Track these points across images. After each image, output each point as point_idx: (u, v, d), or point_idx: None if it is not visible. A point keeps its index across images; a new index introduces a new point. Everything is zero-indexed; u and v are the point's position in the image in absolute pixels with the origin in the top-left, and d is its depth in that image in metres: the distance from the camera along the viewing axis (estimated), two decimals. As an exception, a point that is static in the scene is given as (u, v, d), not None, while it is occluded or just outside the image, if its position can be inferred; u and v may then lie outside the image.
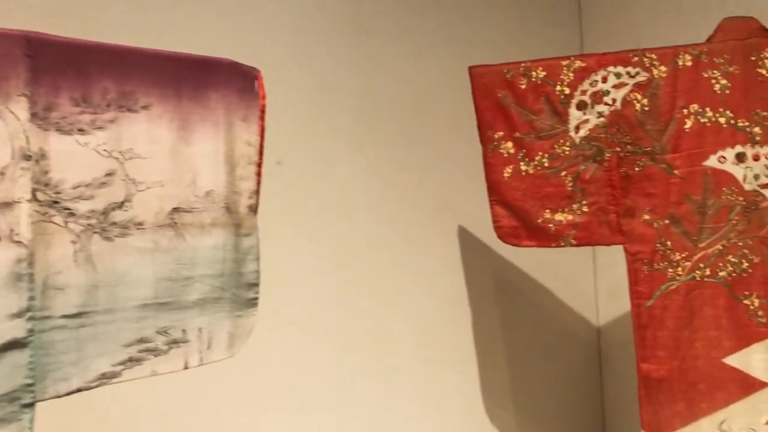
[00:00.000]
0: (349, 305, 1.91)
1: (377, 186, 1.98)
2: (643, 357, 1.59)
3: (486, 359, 2.14)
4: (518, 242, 1.69)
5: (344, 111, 1.94)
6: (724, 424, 1.54)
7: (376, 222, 1.97)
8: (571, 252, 1.79)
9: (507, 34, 2.24)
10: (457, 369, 2.10)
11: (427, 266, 2.06)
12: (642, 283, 1.61)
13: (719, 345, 1.56)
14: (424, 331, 2.05)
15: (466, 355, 2.12)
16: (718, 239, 1.57)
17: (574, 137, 1.64)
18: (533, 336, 2.26)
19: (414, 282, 2.03)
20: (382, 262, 1.98)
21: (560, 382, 2.30)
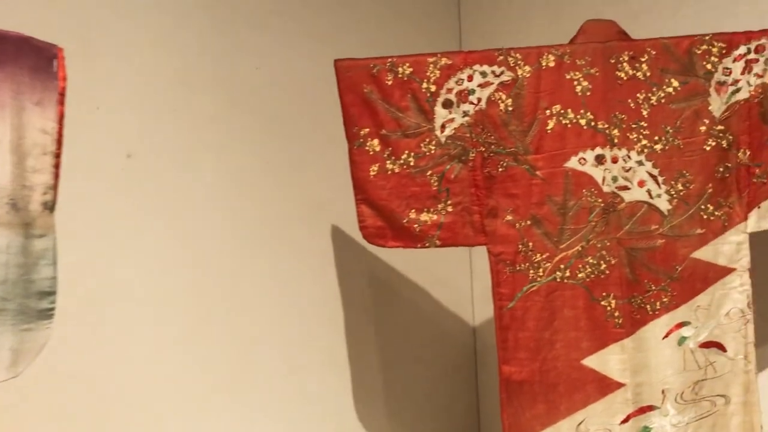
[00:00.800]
0: (206, 312, 1.78)
1: (241, 184, 1.87)
2: (505, 359, 1.58)
3: (358, 362, 2.08)
4: (384, 243, 1.63)
5: (205, 103, 1.81)
6: (582, 425, 1.55)
7: (240, 222, 1.86)
8: (447, 252, 1.76)
9: (383, 27, 2.19)
10: (328, 373, 2.02)
11: (296, 268, 1.97)
12: (504, 284, 1.59)
13: (578, 346, 1.57)
14: (292, 335, 1.96)
15: (338, 359, 2.05)
16: (578, 240, 1.57)
17: (440, 136, 1.60)
18: (408, 337, 2.22)
19: (281, 285, 1.94)
20: (245, 265, 1.87)
21: (435, 384, 2.28)
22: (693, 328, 1.55)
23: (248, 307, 1.88)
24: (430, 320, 2.29)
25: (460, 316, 2.32)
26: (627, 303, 1.55)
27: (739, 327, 1.55)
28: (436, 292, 2.28)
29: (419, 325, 2.26)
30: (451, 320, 2.32)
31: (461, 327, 2.32)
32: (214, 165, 1.84)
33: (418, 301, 2.26)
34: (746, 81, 1.53)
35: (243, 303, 1.87)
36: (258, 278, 1.91)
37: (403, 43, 2.05)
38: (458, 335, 2.32)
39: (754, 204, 1.55)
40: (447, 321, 2.32)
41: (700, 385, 1.54)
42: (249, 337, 1.88)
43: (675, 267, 1.55)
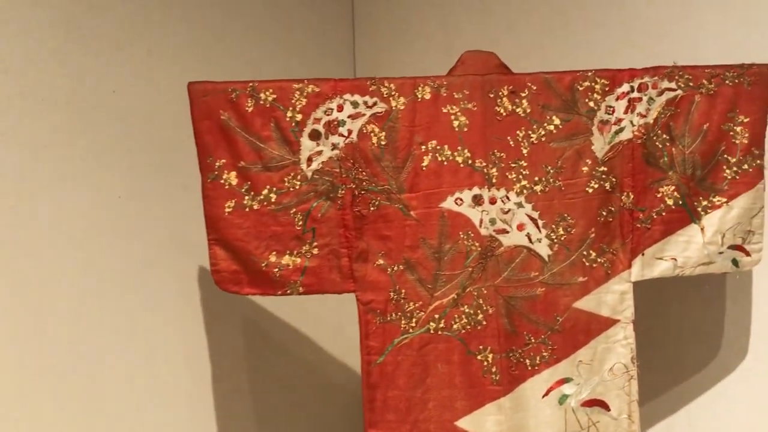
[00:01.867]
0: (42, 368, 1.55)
1: (89, 218, 1.65)
2: (372, 422, 1.42)
3: (228, 422, 1.88)
4: (239, 290, 1.45)
5: (51, 125, 1.60)
6: (455, 496, 1.40)
7: (86, 262, 1.64)
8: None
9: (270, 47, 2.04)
10: None
11: (154, 315, 1.76)
12: (373, 336, 1.44)
13: (452, 406, 1.42)
14: (148, 394, 1.74)
15: (203, 419, 1.84)
16: (453, 288, 1.44)
17: (306, 170, 1.44)
18: (288, 391, 2.03)
19: (135, 334, 1.72)
20: (93, 312, 1.65)
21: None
22: (575, 385, 1.43)
23: (93, 361, 1.65)
24: (314, 370, 2.11)
25: (347, 365, 2.15)
26: (505, 357, 1.42)
27: (623, 384, 1.44)
28: (321, 339, 2.11)
29: (301, 376, 2.08)
30: (337, 369, 2.15)
31: (348, 376, 2.15)
32: (59, 195, 1.62)
33: (299, 349, 2.08)
34: (629, 120, 1.45)
35: (87, 356, 1.64)
36: (107, 326, 1.68)
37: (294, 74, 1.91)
38: (345, 385, 2.15)
39: (638, 251, 1.46)
40: (333, 370, 2.14)
41: (583, 448, 1.43)
42: (94, 395, 1.65)
43: (556, 318, 1.44)
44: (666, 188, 1.46)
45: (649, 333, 1.65)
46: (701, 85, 1.45)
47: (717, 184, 1.46)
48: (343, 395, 2.16)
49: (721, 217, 1.46)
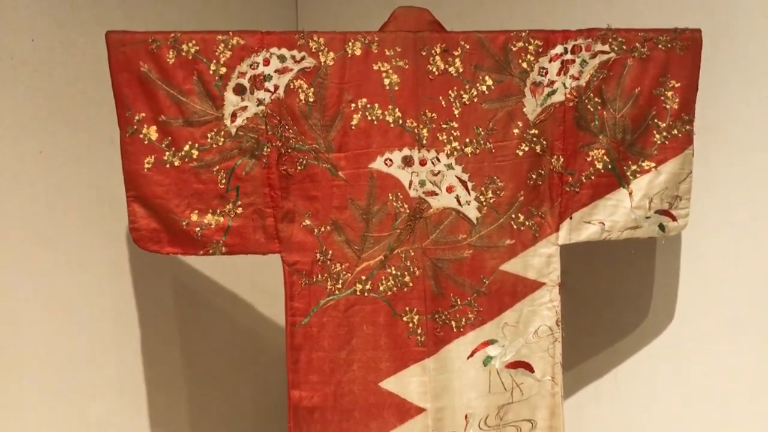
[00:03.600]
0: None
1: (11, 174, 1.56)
2: (295, 383, 1.40)
3: (157, 383, 1.83)
4: (159, 248, 1.40)
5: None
6: (378, 456, 1.40)
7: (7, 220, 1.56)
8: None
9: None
10: (118, 397, 1.76)
11: (79, 275, 1.69)
12: (298, 298, 1.41)
13: (377, 367, 1.41)
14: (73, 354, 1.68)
15: (131, 380, 1.79)
16: (381, 250, 1.42)
17: (230, 126, 1.39)
18: (219, 352, 2.00)
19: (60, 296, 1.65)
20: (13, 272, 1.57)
21: (248, 401, 2.07)
22: (500, 347, 1.44)
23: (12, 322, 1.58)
24: (245, 331, 2.08)
25: (278, 326, 2.12)
26: (430, 319, 1.42)
27: (547, 346, 1.45)
28: (252, 299, 2.07)
29: (232, 338, 2.04)
30: (268, 331, 2.12)
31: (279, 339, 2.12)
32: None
33: (231, 309, 2.04)
34: (562, 83, 1.43)
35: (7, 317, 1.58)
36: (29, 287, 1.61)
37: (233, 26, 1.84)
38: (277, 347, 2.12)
39: (566, 215, 1.46)
40: (264, 331, 2.12)
41: (506, 409, 1.43)
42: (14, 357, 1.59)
43: (482, 280, 1.43)
44: (596, 152, 1.45)
45: (578, 297, 1.67)
46: (634, 48, 1.43)
47: (646, 148, 1.46)
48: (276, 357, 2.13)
49: (649, 182, 1.46)
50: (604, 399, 1.80)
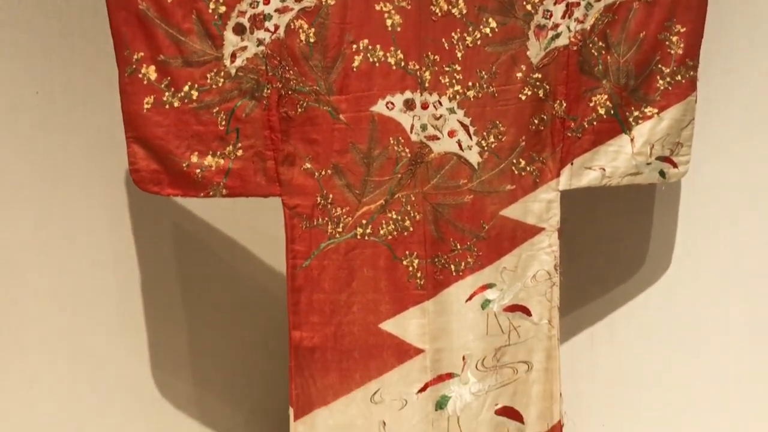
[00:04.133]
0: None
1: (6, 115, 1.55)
2: (296, 324, 1.42)
3: (158, 325, 1.85)
4: (159, 190, 1.40)
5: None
6: (376, 395, 1.42)
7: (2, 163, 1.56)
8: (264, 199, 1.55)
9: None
10: (120, 337, 1.79)
11: (78, 218, 1.69)
12: (299, 241, 1.42)
13: (377, 309, 1.43)
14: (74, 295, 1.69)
15: (133, 321, 1.81)
16: (382, 194, 1.42)
17: (230, 67, 1.37)
18: (219, 297, 2.01)
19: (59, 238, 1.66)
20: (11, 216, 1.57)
21: (249, 349, 2.10)
22: (498, 291, 1.45)
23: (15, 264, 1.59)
24: (245, 277, 2.09)
25: (278, 272, 2.14)
26: (430, 263, 1.43)
27: (544, 290, 1.47)
28: (252, 246, 2.08)
29: (232, 283, 2.06)
30: (268, 277, 2.14)
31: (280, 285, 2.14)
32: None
33: (231, 256, 2.05)
34: (566, 26, 1.41)
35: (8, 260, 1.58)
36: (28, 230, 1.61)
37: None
38: (276, 294, 2.14)
39: (567, 160, 1.45)
40: (264, 278, 2.13)
41: (503, 351, 1.46)
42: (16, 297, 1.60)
43: (482, 225, 1.44)
44: (599, 97, 1.44)
45: (574, 245, 1.68)
46: (640, -9, 1.41)
47: (649, 94, 1.45)
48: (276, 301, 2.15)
49: (651, 128, 1.46)
50: (599, 346, 1.83)
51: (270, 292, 2.15)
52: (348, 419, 1.41)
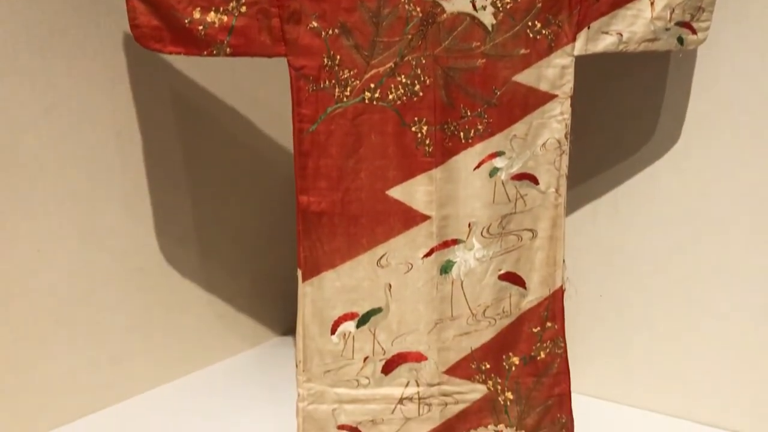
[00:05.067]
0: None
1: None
2: (303, 188, 1.41)
3: (160, 194, 1.85)
4: (161, 47, 1.34)
5: None
6: (383, 259, 1.44)
7: None
8: (266, 65, 1.49)
9: None
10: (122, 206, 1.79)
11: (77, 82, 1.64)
12: (305, 104, 1.38)
13: (384, 176, 1.41)
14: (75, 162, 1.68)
15: (135, 191, 1.81)
16: (391, 56, 1.37)
17: None
18: (222, 165, 2.00)
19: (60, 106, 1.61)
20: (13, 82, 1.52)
21: (253, 217, 2.11)
22: (507, 159, 1.44)
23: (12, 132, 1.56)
24: (247, 146, 2.08)
25: (280, 142, 2.11)
26: (439, 130, 1.40)
27: (553, 159, 1.45)
28: (254, 113, 2.04)
29: (234, 151, 2.04)
30: (270, 145, 2.12)
31: (282, 153, 2.12)
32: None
33: (233, 123, 2.02)
34: None
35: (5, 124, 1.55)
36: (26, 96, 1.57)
37: None
38: (279, 163, 2.13)
39: (584, 24, 1.39)
40: (266, 146, 2.11)
41: (508, 219, 1.46)
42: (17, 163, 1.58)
43: (494, 91, 1.40)
44: (620, -43, 1.37)
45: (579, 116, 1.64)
46: None
47: (673, -46, 1.38)
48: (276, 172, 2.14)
49: (673, -9, 1.39)
50: (602, 220, 1.84)
51: (272, 162, 2.14)
52: (355, 282, 1.44)
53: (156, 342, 1.91)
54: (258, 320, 2.26)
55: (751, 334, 1.67)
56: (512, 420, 1.49)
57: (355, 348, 1.46)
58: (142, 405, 1.85)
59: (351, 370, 1.46)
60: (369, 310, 1.46)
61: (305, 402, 1.46)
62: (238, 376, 2.05)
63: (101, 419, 1.77)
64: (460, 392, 1.49)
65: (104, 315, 1.78)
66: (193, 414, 1.80)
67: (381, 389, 1.47)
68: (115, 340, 1.81)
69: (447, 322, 1.47)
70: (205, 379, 2.03)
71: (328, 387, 1.46)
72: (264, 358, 2.19)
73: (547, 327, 1.49)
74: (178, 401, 1.87)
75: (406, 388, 1.47)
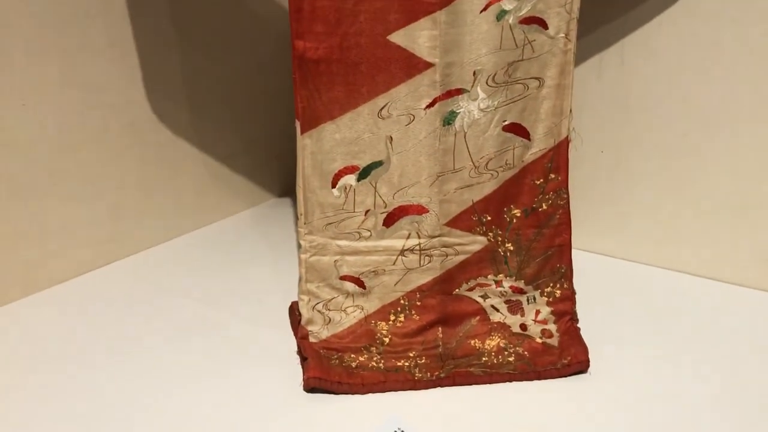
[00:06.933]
0: None
1: None
2: (298, 32, 1.32)
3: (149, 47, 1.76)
4: None
5: None
6: (384, 110, 1.38)
7: None
8: None
9: None
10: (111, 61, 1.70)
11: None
12: (299, -64, 1.27)
13: (385, 19, 1.33)
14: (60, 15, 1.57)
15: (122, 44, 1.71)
16: None
17: None
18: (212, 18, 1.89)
19: None
20: None
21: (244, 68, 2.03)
22: (515, 1, 1.35)
23: None
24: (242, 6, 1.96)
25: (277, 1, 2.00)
26: (445, -25, 1.30)
27: (565, 1, 1.37)
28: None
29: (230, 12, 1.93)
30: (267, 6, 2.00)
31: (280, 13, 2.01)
32: None
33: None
34: None
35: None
36: None
37: None
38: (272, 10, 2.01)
39: None
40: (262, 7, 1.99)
41: (515, 66, 1.40)
42: None
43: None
44: None
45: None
46: None
47: None
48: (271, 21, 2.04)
49: None
50: (607, 71, 1.78)
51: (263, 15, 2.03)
52: (355, 134, 1.39)
53: (152, 200, 1.90)
54: (254, 181, 2.24)
55: (748, 188, 1.67)
56: (512, 270, 1.51)
57: (357, 201, 1.45)
58: (143, 261, 1.86)
59: (352, 222, 1.45)
60: (370, 164, 1.42)
61: (308, 254, 1.46)
62: (237, 234, 2.06)
63: (103, 275, 1.78)
64: (461, 243, 1.49)
65: (98, 170, 1.74)
66: (193, 270, 1.81)
67: (382, 241, 1.47)
68: (112, 196, 1.79)
69: (449, 174, 1.44)
70: (204, 237, 2.04)
71: (329, 239, 1.46)
72: (263, 217, 2.19)
73: (551, 179, 1.47)
74: (179, 258, 1.89)
75: (408, 239, 1.47)
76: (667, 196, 1.80)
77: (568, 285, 1.50)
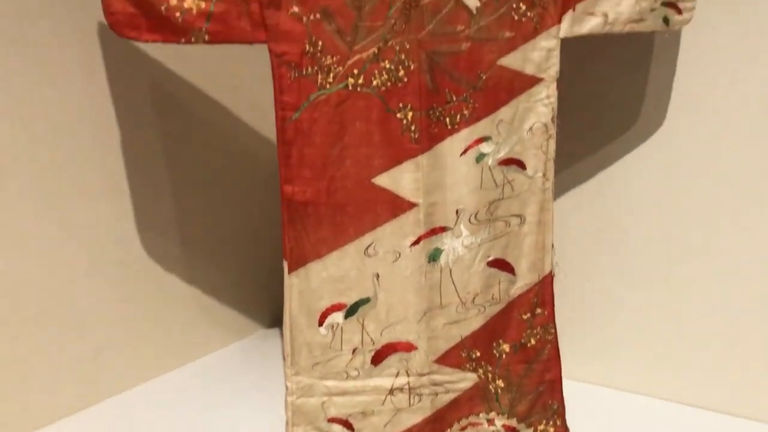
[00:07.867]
0: None
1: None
2: (287, 178, 1.38)
3: (142, 186, 1.81)
4: (137, 35, 1.30)
5: None
6: (370, 248, 1.42)
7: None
8: (248, 53, 1.46)
9: None
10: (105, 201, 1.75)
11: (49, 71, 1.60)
12: (288, 91, 1.35)
13: (370, 164, 1.39)
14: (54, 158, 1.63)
15: (115, 183, 1.77)
16: (374, 41, 1.34)
17: None
18: (203, 157, 1.96)
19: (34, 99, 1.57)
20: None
21: (236, 208, 2.08)
22: (493, 144, 1.42)
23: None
24: (229, 135, 2.04)
25: (262, 132, 2.08)
26: (425, 116, 1.38)
27: (540, 143, 1.44)
28: (235, 103, 2.01)
29: (216, 142, 2.00)
30: (253, 135, 2.08)
31: (265, 144, 2.09)
32: None
33: (213, 113, 1.98)
34: None
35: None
36: None
37: None
38: (262, 153, 2.09)
39: (569, 5, 1.37)
40: (248, 136, 2.08)
41: (496, 204, 1.45)
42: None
43: (479, 75, 1.38)
44: (605, -63, 1.35)
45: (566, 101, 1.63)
46: None
47: (659, -67, 1.36)
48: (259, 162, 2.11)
49: (658, -29, 1.38)
50: (587, 205, 1.83)
51: (254, 153, 2.11)
52: (342, 272, 1.42)
53: (140, 336, 1.88)
54: (244, 313, 2.23)
55: (736, 317, 1.68)
56: (504, 407, 1.49)
57: (344, 339, 1.44)
58: (128, 402, 1.82)
59: (340, 361, 1.44)
60: (357, 301, 1.44)
61: (294, 396, 1.44)
62: (225, 370, 2.02)
63: (87, 417, 1.73)
64: (451, 381, 1.47)
65: (86, 309, 1.74)
66: (180, 410, 1.77)
67: (371, 380, 1.45)
68: (99, 335, 1.77)
69: (436, 310, 1.45)
70: (192, 373, 2.00)
71: (317, 380, 1.44)
72: (251, 350, 2.17)
73: (537, 313, 1.48)
74: (165, 397, 1.84)
75: (396, 378, 1.46)
76: (655, 325, 1.80)
77: (560, 422, 1.48)
